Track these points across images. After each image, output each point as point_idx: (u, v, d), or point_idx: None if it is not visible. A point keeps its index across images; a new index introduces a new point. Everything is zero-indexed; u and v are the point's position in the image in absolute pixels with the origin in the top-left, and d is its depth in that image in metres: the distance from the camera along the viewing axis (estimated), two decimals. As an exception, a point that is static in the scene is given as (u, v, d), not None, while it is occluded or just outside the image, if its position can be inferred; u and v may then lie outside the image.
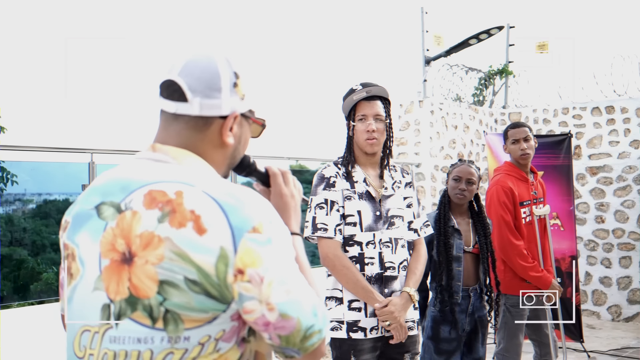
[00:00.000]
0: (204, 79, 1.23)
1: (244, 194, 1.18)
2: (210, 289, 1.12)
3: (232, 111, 1.26)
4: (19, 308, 4.39)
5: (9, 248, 5.17)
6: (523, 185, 3.98)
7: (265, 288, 1.12)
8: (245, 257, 1.12)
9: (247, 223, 1.13)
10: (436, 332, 3.39)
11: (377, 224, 2.75)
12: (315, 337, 1.18)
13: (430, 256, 3.46)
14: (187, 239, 1.11)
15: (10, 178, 5.21)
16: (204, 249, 1.11)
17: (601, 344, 6.36)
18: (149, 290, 1.13)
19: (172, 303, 1.12)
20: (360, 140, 2.77)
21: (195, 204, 1.14)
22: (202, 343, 1.14)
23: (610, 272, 7.47)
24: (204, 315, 1.13)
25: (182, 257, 1.11)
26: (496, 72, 8.60)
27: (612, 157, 7.54)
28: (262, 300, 1.12)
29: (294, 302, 1.14)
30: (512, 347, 3.88)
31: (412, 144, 7.21)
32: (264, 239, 1.14)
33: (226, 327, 1.16)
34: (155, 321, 1.13)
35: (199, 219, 1.12)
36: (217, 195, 1.15)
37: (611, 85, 7.66)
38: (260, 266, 1.12)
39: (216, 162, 1.29)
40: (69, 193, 5.31)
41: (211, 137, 1.27)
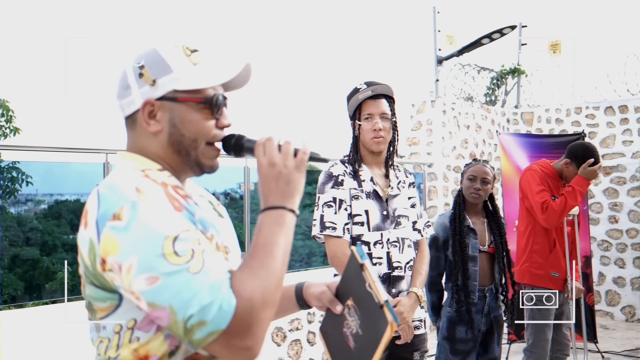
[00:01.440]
0: (119, 83, 1.29)
1: (121, 182, 1.17)
2: (92, 279, 1.17)
3: (144, 99, 1.25)
4: (33, 307, 4.42)
5: (22, 248, 5.21)
6: (554, 183, 4.02)
7: (124, 276, 1.09)
8: (105, 245, 1.11)
9: (109, 211, 1.12)
10: (452, 333, 3.38)
11: (384, 224, 2.74)
12: (201, 332, 1.07)
13: (446, 256, 3.45)
14: (80, 236, 1.18)
15: (25, 179, 5.25)
16: (83, 243, 1.16)
17: (615, 345, 6.32)
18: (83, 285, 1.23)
19: (86, 294, 1.21)
20: (366, 139, 2.76)
21: (89, 201, 1.19)
22: (117, 332, 1.18)
23: (624, 273, 7.42)
24: (104, 304, 1.18)
25: (79, 252, 1.18)
26: (508, 72, 8.56)
27: (625, 156, 7.49)
28: (126, 288, 1.10)
29: (161, 289, 1.07)
30: (539, 342, 3.90)
31: (425, 144, 7.20)
32: (122, 225, 1.10)
33: (137, 316, 1.16)
34: (88, 312, 1.23)
35: (86, 214, 1.17)
36: (101, 187, 1.19)
37: (625, 85, 7.61)
38: (118, 253, 1.09)
39: (154, 152, 1.28)
40: (81, 193, 5.35)
41: (141, 131, 1.28)
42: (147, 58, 1.26)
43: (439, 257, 3.46)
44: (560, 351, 4.05)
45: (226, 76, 1.29)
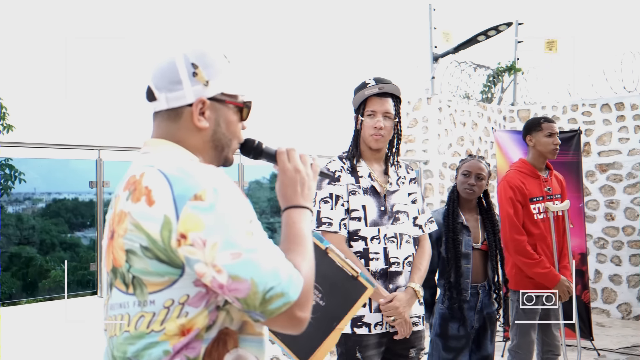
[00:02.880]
0: (165, 76, 1.38)
1: (193, 168, 1.28)
2: (159, 254, 1.24)
3: (197, 97, 1.37)
4: (27, 305, 4.40)
5: (19, 246, 5.20)
6: (534, 181, 3.97)
7: (208, 250, 1.20)
8: (187, 222, 1.21)
9: (189, 191, 1.23)
10: (444, 329, 3.37)
11: (381, 219, 2.74)
12: (279, 301, 1.22)
13: (439, 253, 3.44)
14: (140, 211, 1.26)
15: (18, 176, 5.22)
16: (152, 218, 1.24)
17: (611, 342, 6.32)
18: (121, 259, 1.29)
19: (135, 269, 1.27)
20: (366, 135, 2.77)
21: (150, 180, 1.27)
22: (167, 307, 1.26)
23: (620, 270, 7.42)
24: (161, 279, 1.25)
25: (137, 227, 1.26)
26: (505, 69, 8.56)
27: (622, 153, 7.49)
28: (208, 262, 1.21)
29: (245, 264, 1.20)
30: (524, 343, 3.86)
31: (420, 141, 7.19)
32: (206, 205, 1.22)
33: (190, 292, 1.26)
34: (127, 287, 1.29)
35: (150, 192, 1.25)
36: (167, 170, 1.27)
37: (621, 82, 7.60)
38: (202, 230, 1.21)
39: (195, 146, 1.40)
40: (78, 192, 5.33)
41: (185, 125, 1.39)
42: (199, 59, 1.39)
43: (432, 254, 3.44)
44: (551, 352, 4.02)
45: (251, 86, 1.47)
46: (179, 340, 1.26)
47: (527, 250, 3.80)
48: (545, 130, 3.95)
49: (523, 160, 4.07)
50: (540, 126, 3.97)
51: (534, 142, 3.98)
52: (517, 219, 3.84)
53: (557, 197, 4.07)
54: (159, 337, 1.26)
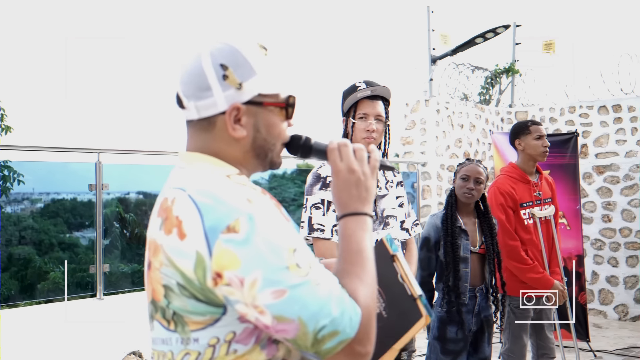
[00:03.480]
0: (192, 82, 1.21)
1: (225, 192, 1.13)
2: (196, 293, 1.11)
3: (230, 104, 1.21)
4: (26, 307, 4.41)
5: (17, 247, 5.20)
6: (524, 186, 3.98)
7: (248, 290, 1.06)
8: (221, 259, 1.07)
9: (221, 223, 1.08)
10: (443, 333, 3.39)
11: (373, 225, 2.72)
12: (333, 340, 1.08)
13: (437, 257, 3.45)
14: (172, 245, 1.12)
15: (16, 178, 5.23)
16: (184, 255, 1.10)
17: (608, 344, 6.34)
18: (159, 294, 1.16)
19: (174, 306, 1.14)
20: (358, 138, 2.74)
21: (181, 209, 1.13)
22: (213, 345, 1.13)
23: (617, 272, 7.45)
24: (202, 317, 1.12)
25: (171, 263, 1.13)
26: (503, 71, 8.57)
27: (619, 155, 7.51)
28: (248, 303, 1.07)
29: (290, 302, 1.06)
30: (517, 347, 3.88)
31: (418, 143, 7.20)
32: (240, 238, 1.07)
33: (237, 329, 1.13)
34: (169, 323, 1.16)
35: (181, 224, 1.12)
36: (198, 197, 1.13)
37: (618, 84, 7.62)
38: (239, 267, 1.06)
39: (234, 157, 1.25)
40: (77, 192, 5.34)
41: (220, 135, 1.23)
42: (229, 58, 1.21)
43: (429, 258, 3.46)
44: (546, 355, 4.03)
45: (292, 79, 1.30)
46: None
47: (520, 256, 3.81)
48: (534, 133, 3.95)
49: (513, 165, 4.06)
50: (528, 129, 3.97)
51: (524, 145, 3.98)
52: (509, 225, 3.85)
53: (547, 202, 4.07)
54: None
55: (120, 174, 4.94)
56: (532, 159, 3.99)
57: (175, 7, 66.37)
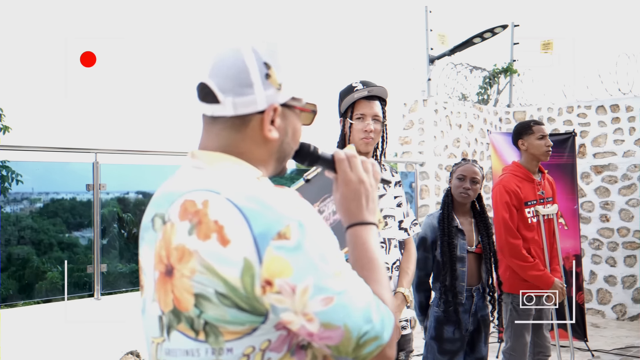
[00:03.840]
0: (233, 76, 1.17)
1: (270, 197, 1.09)
2: (239, 302, 1.07)
3: (269, 104, 1.18)
4: (24, 307, 4.41)
5: (16, 247, 5.20)
6: (528, 185, 4.00)
7: (299, 298, 1.04)
8: (271, 266, 1.04)
9: (272, 229, 1.05)
10: (439, 332, 3.39)
11: None
12: (373, 345, 1.09)
13: (434, 256, 3.46)
14: (212, 252, 1.06)
15: (15, 177, 5.23)
16: (228, 262, 1.05)
17: (605, 343, 6.35)
18: (188, 303, 1.10)
19: (208, 316, 1.08)
20: (356, 139, 2.75)
21: (219, 213, 1.08)
22: (247, 354, 1.10)
23: (615, 271, 7.45)
24: (241, 327, 1.08)
25: (210, 270, 1.07)
26: (501, 71, 8.58)
27: (617, 155, 7.52)
28: (298, 311, 1.05)
29: (337, 309, 1.06)
30: (518, 346, 3.89)
31: (416, 143, 7.21)
32: (292, 245, 1.05)
33: (272, 337, 1.10)
34: (197, 333, 1.10)
35: (222, 229, 1.06)
36: (240, 201, 1.08)
37: (616, 84, 7.63)
38: (290, 275, 1.04)
39: (261, 159, 1.22)
40: (76, 192, 5.34)
41: (252, 135, 1.20)
42: (272, 58, 1.18)
43: (426, 258, 3.46)
44: (542, 353, 4.05)
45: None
46: None
47: (522, 254, 3.83)
48: (537, 133, 3.99)
49: (517, 163, 4.08)
50: (531, 129, 4.00)
51: (527, 145, 4.01)
52: (512, 223, 3.87)
53: (549, 200, 4.11)
54: None
55: (119, 174, 4.94)
56: (535, 158, 4.02)
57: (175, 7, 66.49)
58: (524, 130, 4.03)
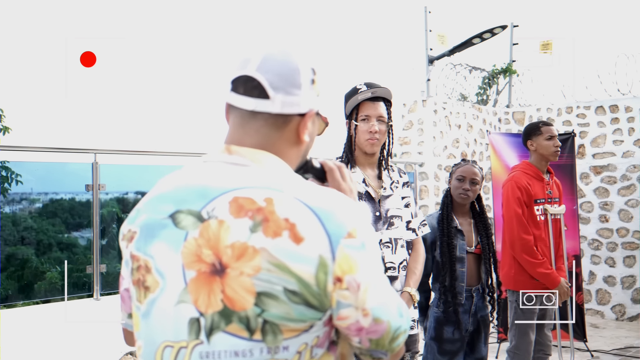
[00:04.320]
0: (285, 75, 1.19)
1: (336, 199, 1.14)
2: (310, 298, 1.08)
3: (310, 108, 1.22)
4: (23, 307, 4.41)
5: (15, 247, 5.20)
6: (538, 184, 4.07)
7: (362, 294, 1.10)
8: (343, 264, 1.08)
9: (343, 229, 1.10)
10: (439, 333, 3.39)
11: (377, 225, 2.75)
12: (402, 338, 1.20)
13: (433, 257, 3.46)
14: (284, 249, 1.07)
15: (14, 178, 5.23)
16: (303, 259, 1.07)
17: (605, 344, 6.35)
18: (245, 302, 1.07)
19: (270, 314, 1.08)
20: (361, 140, 2.77)
21: (289, 211, 1.09)
22: (300, 351, 1.11)
23: (614, 272, 7.46)
24: (302, 324, 1.10)
25: (281, 267, 1.07)
26: (500, 71, 8.58)
27: (616, 156, 7.52)
28: (358, 306, 1.10)
29: (384, 306, 1.14)
30: (523, 344, 3.92)
31: (416, 144, 7.21)
32: (358, 244, 1.10)
33: (320, 333, 1.13)
34: (253, 333, 1.08)
35: (294, 227, 1.08)
36: (309, 201, 1.11)
37: (615, 84, 7.64)
38: (357, 272, 1.09)
39: (291, 160, 1.25)
40: (75, 192, 5.34)
41: (288, 135, 1.22)
42: (315, 64, 1.24)
43: (426, 258, 3.46)
44: (542, 351, 4.07)
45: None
46: None
47: (533, 250, 3.90)
48: (545, 133, 4.07)
49: (527, 162, 4.16)
50: (539, 130, 4.09)
51: (535, 146, 4.10)
52: (524, 219, 3.94)
53: (556, 201, 4.18)
54: None
55: (118, 174, 4.94)
56: (544, 158, 4.10)
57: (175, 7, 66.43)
58: (533, 131, 4.11)
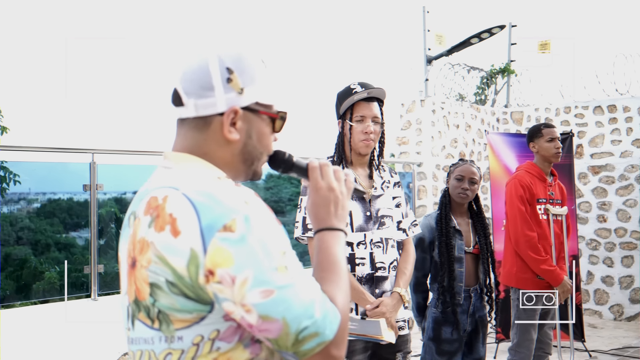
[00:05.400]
0: (196, 79, 1.25)
1: (221, 193, 1.16)
2: (186, 290, 1.13)
3: (230, 106, 1.24)
4: (21, 307, 4.40)
5: (13, 247, 5.19)
6: (540, 184, 4.14)
7: (238, 289, 1.09)
8: (215, 257, 1.10)
9: (218, 221, 1.11)
10: (438, 333, 3.39)
11: (367, 224, 2.74)
12: (313, 341, 1.12)
13: (431, 257, 3.46)
14: (165, 242, 1.13)
15: (12, 178, 5.22)
16: (177, 252, 1.12)
17: (603, 344, 6.36)
18: (145, 292, 1.16)
19: (161, 304, 1.15)
20: (356, 141, 2.76)
21: (174, 207, 1.14)
22: (197, 343, 1.15)
23: (612, 272, 7.46)
24: (189, 315, 1.14)
25: (162, 260, 1.13)
26: (498, 71, 8.58)
27: (614, 156, 7.53)
28: (237, 301, 1.10)
29: (277, 302, 1.10)
30: (524, 342, 3.95)
31: (414, 143, 7.21)
32: (236, 237, 1.10)
33: (221, 328, 1.15)
34: (153, 321, 1.17)
35: (175, 221, 1.13)
36: (194, 196, 1.15)
37: (613, 84, 7.64)
38: (231, 266, 1.09)
39: (224, 160, 1.28)
40: (73, 192, 5.33)
41: (214, 136, 1.26)
42: (235, 63, 1.26)
43: (424, 258, 3.46)
44: (542, 349, 4.10)
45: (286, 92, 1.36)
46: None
47: (537, 247, 3.96)
48: (546, 135, 4.13)
49: (531, 163, 4.23)
50: (540, 132, 4.15)
51: (537, 147, 4.16)
52: (528, 216, 4.00)
53: (558, 203, 4.24)
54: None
55: (116, 174, 4.94)
56: (546, 160, 4.16)
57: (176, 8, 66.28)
58: (534, 133, 4.18)
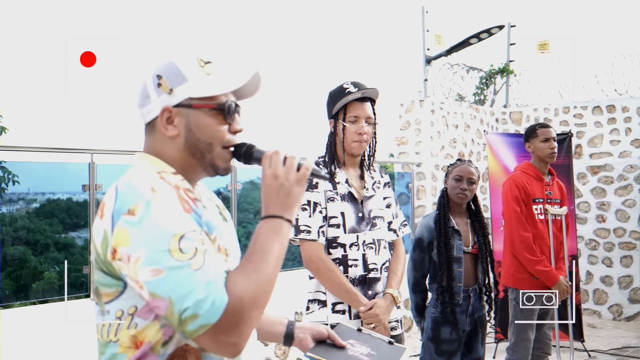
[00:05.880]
0: (140, 92, 1.41)
1: (138, 182, 1.28)
2: (102, 266, 1.28)
3: (162, 107, 1.37)
4: (20, 307, 4.40)
5: (12, 247, 5.19)
6: (537, 184, 4.14)
7: (132, 266, 1.20)
8: (117, 236, 1.22)
9: (125, 206, 1.23)
10: (437, 334, 3.39)
11: (360, 226, 2.73)
12: (193, 323, 1.16)
13: (430, 257, 3.46)
14: (95, 226, 1.29)
15: (11, 178, 5.22)
16: (98, 232, 1.27)
17: (602, 343, 6.36)
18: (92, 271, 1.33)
19: (95, 279, 1.32)
20: (349, 141, 2.75)
21: (106, 196, 1.30)
22: (119, 317, 1.28)
23: (611, 272, 7.47)
24: (109, 289, 1.29)
25: (93, 240, 1.30)
26: (497, 71, 8.59)
27: (613, 156, 7.54)
28: (132, 277, 1.22)
29: (164, 282, 1.17)
30: (522, 342, 3.96)
31: (413, 144, 7.21)
32: (135, 220, 1.21)
33: (138, 304, 1.27)
34: (95, 297, 1.34)
35: (103, 207, 1.28)
36: (120, 186, 1.29)
37: (612, 84, 7.65)
38: (128, 245, 1.21)
39: (172, 157, 1.40)
40: (72, 192, 5.33)
41: (160, 136, 1.40)
42: (164, 70, 1.39)
43: (423, 258, 3.46)
44: (542, 349, 4.10)
45: (235, 84, 1.40)
46: (133, 353, 1.28)
47: (532, 248, 3.97)
48: (541, 136, 4.14)
49: (528, 163, 4.24)
50: (535, 132, 4.17)
51: (532, 148, 4.18)
52: (523, 217, 4.01)
53: (557, 202, 4.23)
54: (118, 349, 1.29)
55: (115, 174, 4.92)
56: (542, 160, 4.18)
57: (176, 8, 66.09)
58: (530, 134, 4.20)
